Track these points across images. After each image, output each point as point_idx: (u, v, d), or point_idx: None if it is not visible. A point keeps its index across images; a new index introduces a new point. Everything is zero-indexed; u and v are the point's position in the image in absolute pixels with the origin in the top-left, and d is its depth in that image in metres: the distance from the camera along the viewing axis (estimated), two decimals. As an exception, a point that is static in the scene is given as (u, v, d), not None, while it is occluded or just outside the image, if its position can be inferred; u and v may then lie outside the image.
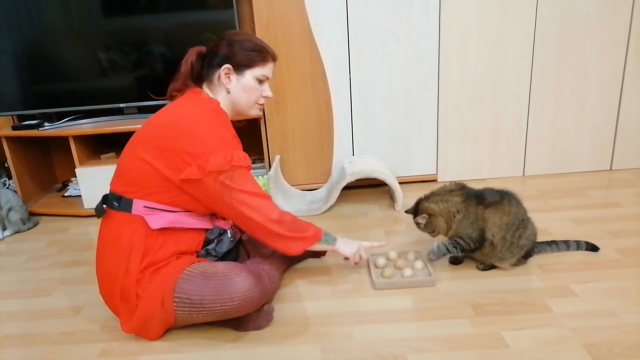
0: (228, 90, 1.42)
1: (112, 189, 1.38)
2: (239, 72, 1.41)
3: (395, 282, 1.56)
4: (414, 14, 2.24)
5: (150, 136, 1.33)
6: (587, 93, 2.37)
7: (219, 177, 1.29)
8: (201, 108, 1.37)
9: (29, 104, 2.45)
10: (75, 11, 2.33)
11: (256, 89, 1.44)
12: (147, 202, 1.33)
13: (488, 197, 1.53)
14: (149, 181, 1.32)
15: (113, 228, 1.35)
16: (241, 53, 1.39)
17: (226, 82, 1.41)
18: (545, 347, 1.23)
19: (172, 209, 1.35)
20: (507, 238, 1.52)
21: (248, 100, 1.44)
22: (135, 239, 1.32)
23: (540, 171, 2.50)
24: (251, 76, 1.42)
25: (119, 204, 1.34)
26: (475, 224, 1.52)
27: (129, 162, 1.35)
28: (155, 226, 1.32)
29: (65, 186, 2.70)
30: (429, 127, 2.41)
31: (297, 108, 2.36)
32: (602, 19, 2.26)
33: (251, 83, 1.42)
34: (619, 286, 1.48)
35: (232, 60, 1.39)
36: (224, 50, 1.40)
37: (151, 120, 1.38)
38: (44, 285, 1.76)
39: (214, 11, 2.32)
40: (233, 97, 1.43)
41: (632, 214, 1.97)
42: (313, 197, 2.38)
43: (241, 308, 1.30)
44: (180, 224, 1.36)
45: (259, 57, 1.41)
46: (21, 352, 1.38)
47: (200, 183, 1.30)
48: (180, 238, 1.37)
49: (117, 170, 1.39)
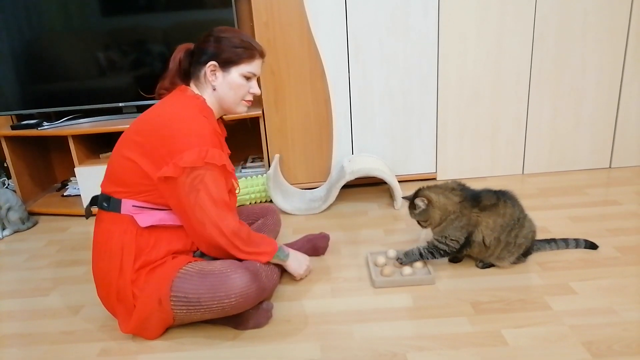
0: (214, 87, 1.41)
1: (102, 189, 1.38)
2: (224, 69, 1.39)
3: (394, 280, 1.56)
4: (413, 13, 2.23)
5: (134, 134, 1.33)
6: (586, 91, 2.37)
7: (191, 174, 1.28)
8: (185, 105, 1.36)
9: (27, 104, 2.45)
10: (74, 10, 2.33)
11: (242, 86, 1.42)
12: (136, 201, 1.32)
13: (484, 200, 1.53)
14: (135, 180, 1.31)
15: (104, 229, 1.35)
16: (228, 50, 1.38)
17: (212, 79, 1.40)
18: (545, 345, 1.23)
19: (161, 208, 1.35)
20: (501, 239, 1.51)
21: (234, 97, 1.43)
22: (126, 239, 1.31)
23: (539, 169, 2.50)
24: (237, 73, 1.40)
25: (108, 204, 1.34)
26: (465, 228, 1.52)
27: (116, 162, 1.35)
28: (144, 224, 1.31)
29: (65, 186, 2.70)
30: (428, 125, 2.41)
31: (296, 107, 2.36)
32: (600, 18, 2.26)
33: (237, 80, 1.41)
34: (618, 284, 1.48)
35: (218, 57, 1.38)
36: (211, 47, 1.38)
37: (137, 120, 1.37)
38: (43, 285, 1.76)
39: (213, 10, 2.32)
40: (219, 94, 1.42)
41: (631, 212, 1.97)
42: (312, 195, 2.38)
43: (239, 305, 1.30)
44: (170, 221, 1.35)
45: (246, 53, 1.40)
46: (20, 351, 1.38)
47: (175, 182, 1.29)
48: (172, 237, 1.36)
49: (107, 171, 1.38)
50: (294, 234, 2.00)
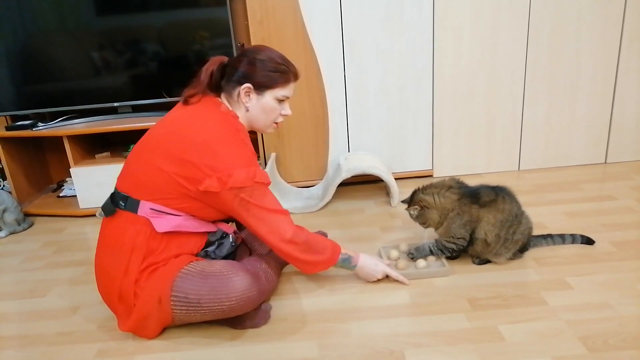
0: (247, 108, 1.40)
1: (119, 187, 1.37)
2: (259, 92, 1.38)
3: (410, 273, 1.57)
4: (408, 9, 2.23)
5: (167, 144, 1.31)
6: (581, 87, 2.37)
7: (240, 194, 1.28)
8: (222, 122, 1.35)
9: (22, 104, 2.44)
10: (68, 10, 2.32)
11: (275, 109, 1.42)
12: (155, 204, 1.31)
13: (483, 196, 1.53)
14: (162, 187, 1.30)
15: (117, 227, 1.34)
16: (262, 74, 1.37)
17: (246, 100, 1.39)
18: (541, 340, 1.24)
19: (178, 213, 1.34)
20: (501, 235, 1.52)
21: (266, 119, 1.43)
22: (139, 240, 1.31)
23: (535, 165, 2.51)
24: (272, 97, 1.40)
25: (125, 203, 1.33)
26: (468, 225, 1.52)
27: (142, 167, 1.33)
28: (161, 229, 1.30)
29: (60, 186, 2.69)
30: (423, 122, 2.41)
31: (292, 105, 2.35)
32: (595, 13, 2.26)
33: (271, 103, 1.40)
34: (614, 279, 1.49)
35: (252, 79, 1.37)
36: (245, 68, 1.37)
37: (167, 126, 1.35)
38: (40, 286, 1.75)
39: (207, 9, 2.31)
40: (251, 116, 1.41)
41: (626, 207, 1.98)
42: (309, 194, 2.38)
43: (239, 307, 1.30)
44: (186, 228, 1.34)
45: (281, 78, 1.39)
46: (18, 353, 1.37)
47: (218, 196, 1.29)
48: (183, 242, 1.36)
49: (126, 171, 1.37)
50: (291, 233, 2.00)
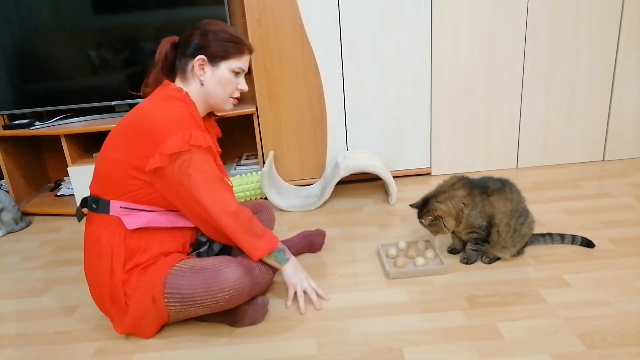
0: (202, 82, 1.37)
1: (91, 191, 1.36)
2: (213, 64, 1.36)
3: (408, 271, 1.57)
4: (405, 7, 2.23)
5: (117, 134, 1.32)
6: (579, 84, 2.37)
7: (178, 160, 1.25)
8: (166, 97, 1.33)
9: (19, 103, 2.43)
10: (65, 9, 2.31)
11: (231, 82, 1.39)
12: (123, 202, 1.30)
13: (490, 185, 1.55)
14: (121, 180, 1.29)
15: (94, 231, 1.33)
16: (216, 44, 1.34)
17: (200, 73, 1.36)
18: (540, 337, 1.24)
19: (150, 209, 1.33)
20: (511, 225, 1.52)
21: (223, 93, 1.39)
22: (115, 241, 1.30)
23: (533, 163, 2.51)
24: (226, 68, 1.37)
25: (97, 205, 1.33)
26: (483, 212, 1.52)
27: (102, 163, 1.33)
28: (131, 226, 1.29)
29: (58, 185, 2.68)
30: (422, 120, 2.41)
31: (290, 104, 2.35)
32: (592, 10, 2.26)
33: (226, 75, 1.37)
34: (612, 276, 1.49)
35: (206, 50, 1.34)
36: (198, 40, 1.35)
37: (120, 120, 1.36)
38: (38, 285, 1.75)
39: (205, 7, 2.31)
40: (207, 90, 1.38)
41: (625, 204, 1.98)
42: (307, 192, 2.38)
43: (233, 299, 1.30)
44: (159, 223, 1.33)
45: (235, 48, 1.37)
46: (16, 352, 1.37)
47: (164, 172, 1.26)
48: (164, 239, 1.35)
49: (95, 172, 1.36)
50: (289, 231, 2.00)
